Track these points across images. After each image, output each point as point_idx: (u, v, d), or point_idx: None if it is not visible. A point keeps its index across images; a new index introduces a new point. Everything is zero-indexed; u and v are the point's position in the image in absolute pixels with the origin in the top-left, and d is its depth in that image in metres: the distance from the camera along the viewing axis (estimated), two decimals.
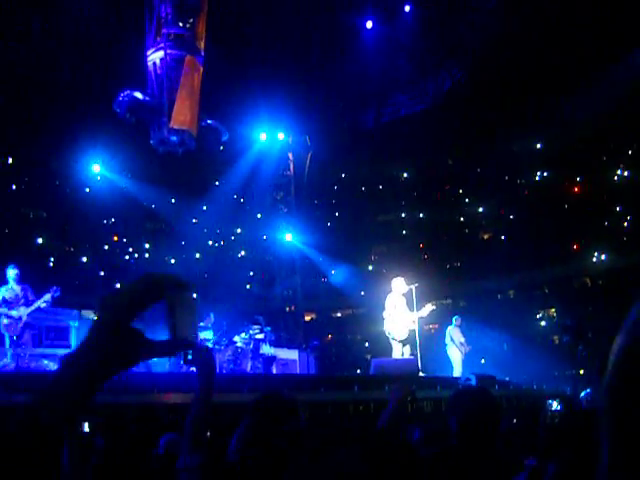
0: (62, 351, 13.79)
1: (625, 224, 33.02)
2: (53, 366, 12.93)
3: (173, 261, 31.34)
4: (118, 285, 22.11)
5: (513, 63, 25.27)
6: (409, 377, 13.80)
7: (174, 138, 15.41)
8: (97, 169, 24.97)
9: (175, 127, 15.24)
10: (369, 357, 30.89)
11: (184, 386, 10.11)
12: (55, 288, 13.33)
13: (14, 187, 27.41)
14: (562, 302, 31.70)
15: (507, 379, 19.04)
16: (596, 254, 32.81)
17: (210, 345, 16.19)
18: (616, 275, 31.30)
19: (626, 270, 30.58)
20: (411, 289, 16.08)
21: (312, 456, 2.74)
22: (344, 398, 11.43)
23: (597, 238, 31.99)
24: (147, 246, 31.27)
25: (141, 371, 13.69)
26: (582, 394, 11.63)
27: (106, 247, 29.78)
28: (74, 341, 14.70)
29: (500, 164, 34.15)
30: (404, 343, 15.59)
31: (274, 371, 16.64)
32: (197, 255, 31.92)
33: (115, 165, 24.98)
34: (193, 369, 4.31)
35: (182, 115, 15.30)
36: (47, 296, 13.42)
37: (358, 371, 28.26)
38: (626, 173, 33.16)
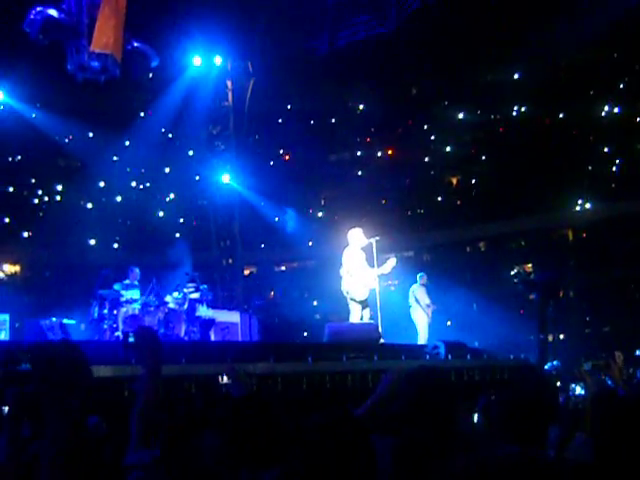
0: None
1: (613, 168, 33.49)
2: None
3: (90, 206, 31.13)
4: None
5: None
6: (369, 344, 13.99)
7: (95, 63, 15.12)
8: (0, 97, 24.53)
9: (96, 51, 14.95)
10: (318, 317, 31.20)
11: (112, 357, 10.06)
12: None
13: None
14: (540, 257, 32.18)
15: (477, 344, 19.39)
16: (580, 202, 33.30)
17: (138, 306, 16.19)
18: (601, 227, 31.89)
19: (613, 221, 31.15)
20: (371, 243, 16.16)
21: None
22: (297, 370, 11.57)
23: (581, 184, 32.46)
24: (59, 188, 30.95)
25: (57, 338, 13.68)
26: (547, 366, 11.90)
27: (11, 189, 29.42)
28: None
29: (472, 97, 34.32)
30: (364, 305, 15.72)
31: (212, 337, 16.69)
32: (118, 198, 31.73)
33: (22, 93, 24.53)
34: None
35: (105, 37, 15.04)
36: None
37: (305, 334, 28.48)
38: (616, 109, 33.51)
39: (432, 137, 37.24)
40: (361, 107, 38.02)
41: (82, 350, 2.94)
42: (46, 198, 30.60)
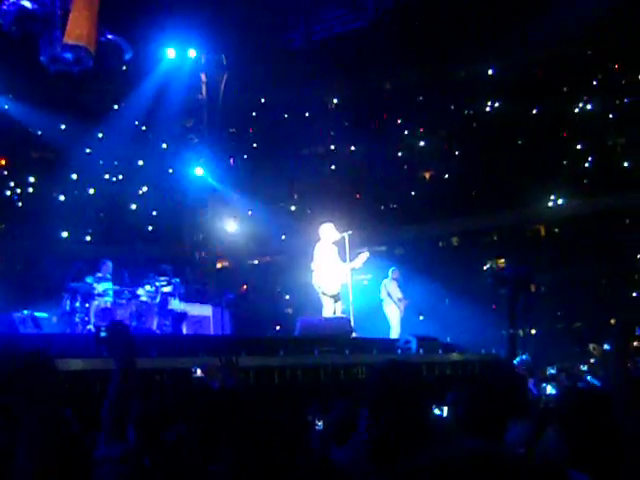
0: None
1: (586, 164, 33.66)
2: None
3: (62, 198, 30.92)
4: None
5: None
6: (341, 338, 14.05)
7: (69, 55, 15.02)
8: None
9: (70, 42, 14.86)
10: (290, 311, 31.23)
11: (83, 350, 10.04)
12: None
13: None
14: (512, 252, 32.23)
15: (448, 339, 19.48)
16: (552, 198, 33.42)
17: (110, 299, 16.17)
18: (574, 223, 32.07)
19: (586, 217, 31.34)
20: (344, 237, 16.22)
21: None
22: (268, 364, 11.62)
23: (554, 180, 32.55)
24: (32, 180, 30.78)
25: (31, 332, 13.63)
26: (516, 360, 11.98)
27: None
28: None
29: (446, 92, 34.30)
30: (336, 299, 15.79)
31: (184, 330, 16.70)
32: (91, 191, 31.54)
33: None
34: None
35: (78, 28, 14.94)
36: None
37: (278, 327, 28.51)
38: (589, 106, 33.67)
39: (406, 132, 37.27)
40: (335, 101, 37.99)
41: (52, 359, 2.96)
42: (18, 190, 30.39)
